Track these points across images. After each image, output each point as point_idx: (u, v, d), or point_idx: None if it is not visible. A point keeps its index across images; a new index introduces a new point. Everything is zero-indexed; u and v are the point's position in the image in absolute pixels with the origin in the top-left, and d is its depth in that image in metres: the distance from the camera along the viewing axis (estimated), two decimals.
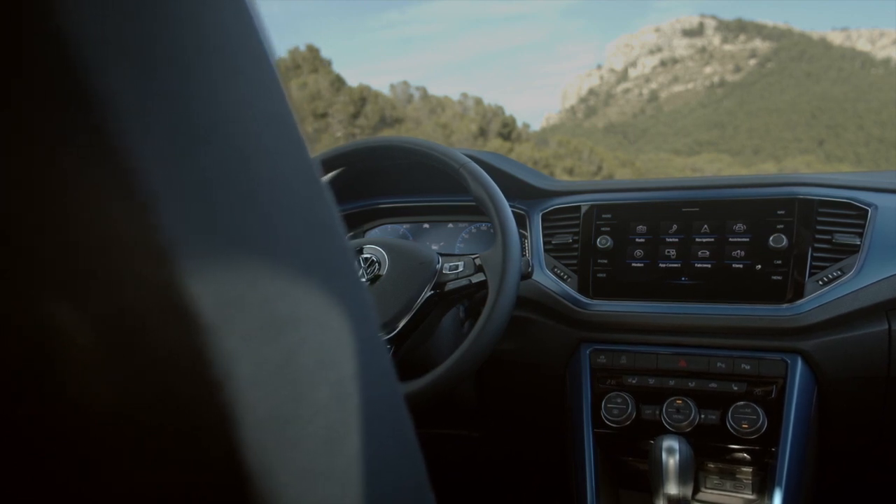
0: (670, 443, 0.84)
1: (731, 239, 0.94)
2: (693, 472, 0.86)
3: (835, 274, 0.89)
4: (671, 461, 0.83)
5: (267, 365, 0.24)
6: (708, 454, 0.91)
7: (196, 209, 0.22)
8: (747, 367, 0.90)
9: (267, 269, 0.25)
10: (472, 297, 0.97)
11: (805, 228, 0.91)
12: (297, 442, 0.26)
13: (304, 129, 0.28)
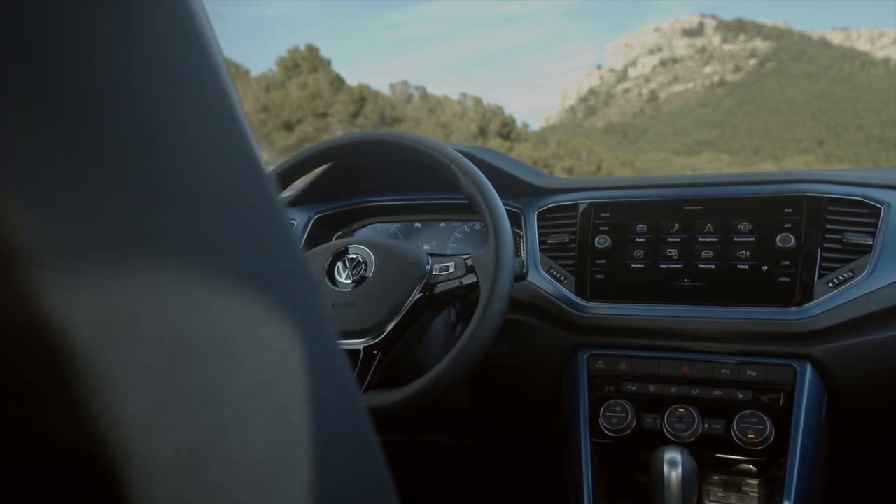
0: (672, 454, 0.80)
1: (735, 239, 0.91)
2: (696, 486, 0.82)
3: (846, 275, 0.85)
4: (673, 474, 0.79)
5: (173, 397, 0.19)
6: (712, 466, 0.87)
7: (61, 203, 0.17)
8: (753, 374, 0.86)
9: (174, 278, 0.20)
10: (464, 299, 0.93)
11: (814, 227, 0.87)
12: (222, 486, 0.21)
13: (237, 94, 0.23)
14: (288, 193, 1.16)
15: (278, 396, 0.24)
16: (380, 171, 1.15)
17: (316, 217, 1.14)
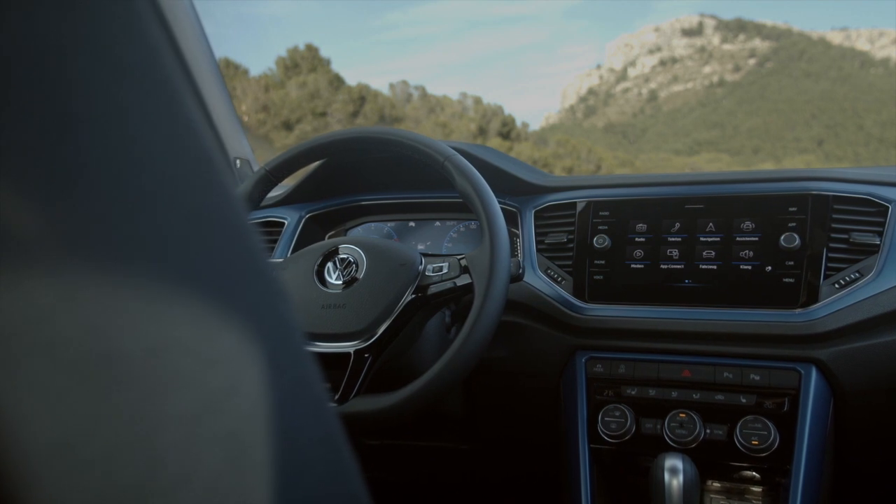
0: (673, 462, 0.78)
1: (738, 238, 0.88)
2: (698, 494, 0.79)
3: (852, 276, 0.83)
4: (674, 482, 0.77)
5: (96, 426, 0.17)
6: (714, 473, 0.85)
7: None
8: (757, 378, 0.84)
9: (99, 283, 0.17)
10: (459, 300, 0.91)
11: (819, 227, 0.85)
12: None
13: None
14: (278, 192, 1.13)
15: (232, 420, 0.21)
16: (373, 168, 1.12)
17: (307, 216, 1.12)
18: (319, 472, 0.25)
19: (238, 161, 1.27)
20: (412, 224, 1.15)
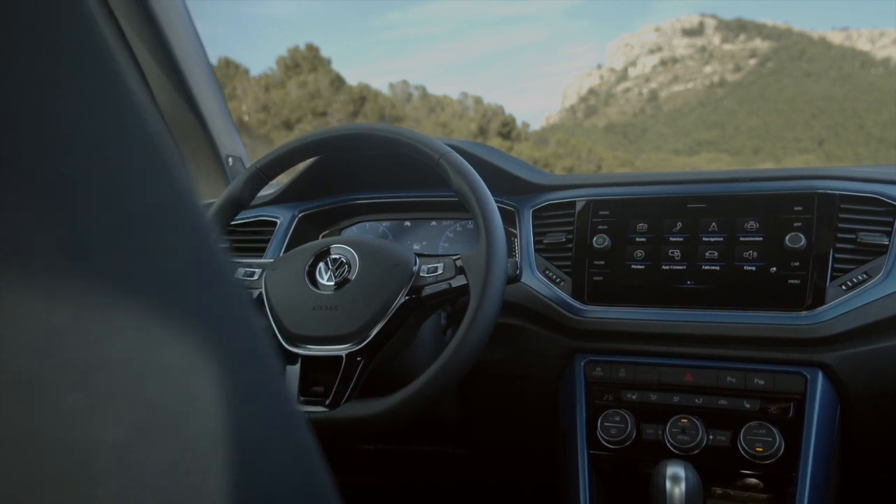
0: (675, 469, 0.76)
1: (742, 238, 0.87)
2: (701, 502, 0.77)
3: (860, 277, 0.81)
4: (676, 490, 0.74)
5: (7, 451, 0.14)
6: (717, 481, 0.83)
7: None
8: (761, 382, 0.82)
9: (10, 287, 0.15)
10: (454, 302, 0.88)
11: (826, 227, 0.83)
12: None
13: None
14: (270, 190, 1.11)
15: (181, 441, 0.18)
16: (369, 166, 1.10)
17: (301, 215, 1.10)
18: (292, 496, 0.23)
19: (230, 159, 1.25)
20: (408, 224, 1.13)
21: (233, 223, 1.05)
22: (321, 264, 0.83)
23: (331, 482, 0.25)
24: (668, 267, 0.89)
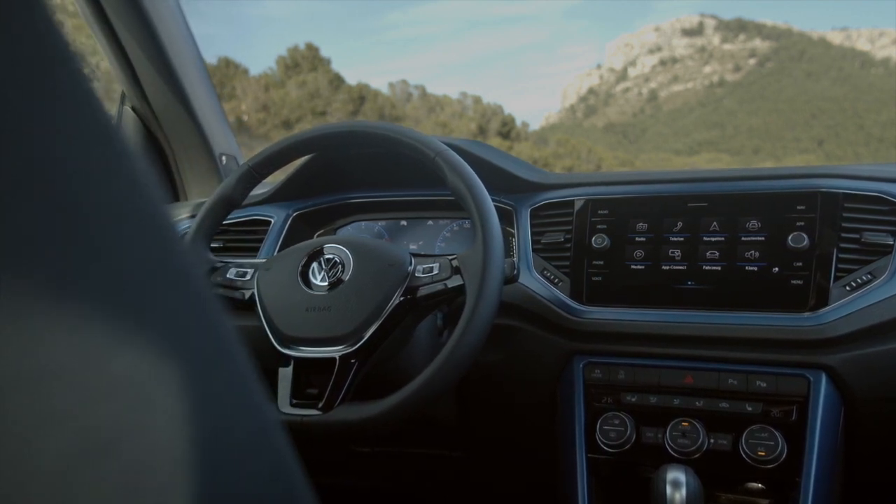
0: (675, 474, 0.74)
1: (743, 238, 0.85)
2: None
3: (864, 278, 0.80)
4: (677, 496, 0.73)
5: None
6: (718, 485, 0.81)
7: None
8: (763, 385, 0.81)
9: None
10: (450, 303, 0.87)
11: (829, 226, 0.82)
12: None
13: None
14: (264, 189, 1.09)
15: (134, 462, 0.17)
16: (364, 165, 1.08)
17: (295, 214, 1.08)
18: None
19: (224, 158, 1.23)
20: (404, 223, 1.11)
21: (225, 222, 1.03)
22: (314, 264, 0.81)
23: (312, 495, 0.24)
24: (668, 267, 0.88)
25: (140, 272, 0.18)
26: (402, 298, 0.77)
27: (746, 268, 0.84)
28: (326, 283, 0.79)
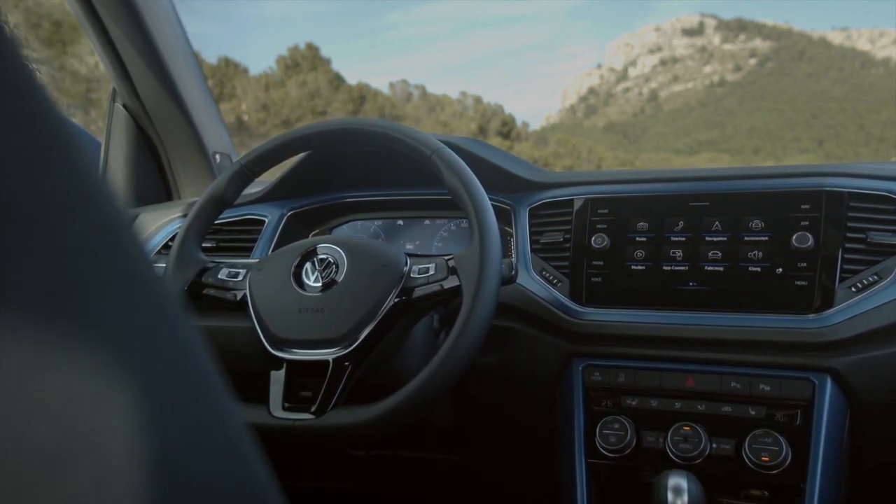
0: (677, 480, 0.72)
1: (746, 238, 0.84)
2: None
3: (870, 279, 0.78)
4: (678, 502, 0.71)
5: None
6: (721, 491, 0.80)
7: None
8: (767, 389, 0.79)
9: None
10: (447, 304, 0.85)
11: (834, 226, 0.80)
12: None
13: None
14: (257, 188, 1.07)
15: (79, 485, 0.15)
16: (360, 163, 1.07)
17: (290, 213, 1.06)
18: None
19: (218, 156, 1.22)
20: (400, 223, 1.10)
21: (218, 222, 1.02)
22: (307, 264, 0.79)
23: None
24: (669, 268, 0.86)
25: (87, 276, 0.16)
26: (397, 300, 0.76)
27: (749, 268, 0.82)
28: (320, 284, 0.77)
